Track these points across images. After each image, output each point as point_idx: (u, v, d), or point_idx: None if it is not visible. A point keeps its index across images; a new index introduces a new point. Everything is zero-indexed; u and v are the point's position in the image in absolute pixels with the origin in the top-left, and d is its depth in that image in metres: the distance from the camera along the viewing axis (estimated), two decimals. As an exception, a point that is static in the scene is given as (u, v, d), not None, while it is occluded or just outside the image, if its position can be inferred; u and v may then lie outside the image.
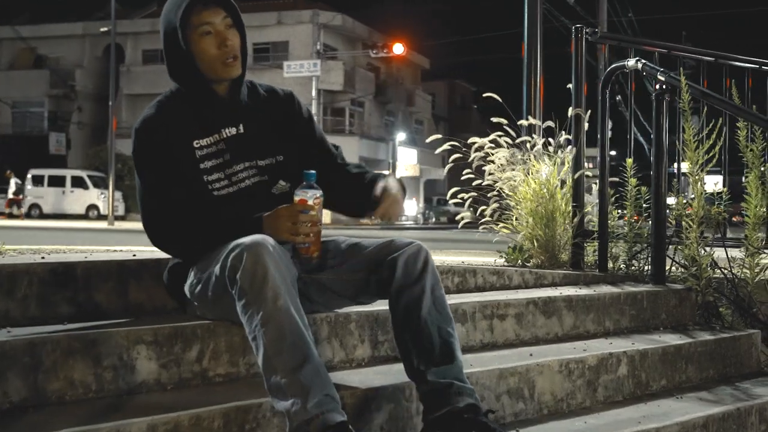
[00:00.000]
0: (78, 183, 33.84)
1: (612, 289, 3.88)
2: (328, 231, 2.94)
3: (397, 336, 2.55)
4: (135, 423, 2.08)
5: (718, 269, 4.17)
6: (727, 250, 4.20)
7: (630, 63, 4.29)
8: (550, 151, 4.63)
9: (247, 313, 2.28)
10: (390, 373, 2.73)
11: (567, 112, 4.65)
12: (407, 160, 44.16)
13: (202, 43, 2.59)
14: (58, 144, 39.47)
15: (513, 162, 4.66)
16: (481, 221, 4.67)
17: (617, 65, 4.43)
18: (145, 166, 2.59)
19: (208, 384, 2.52)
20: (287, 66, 34.57)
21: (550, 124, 4.70)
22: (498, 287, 3.86)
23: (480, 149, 4.72)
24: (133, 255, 3.13)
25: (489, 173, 4.63)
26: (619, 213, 4.71)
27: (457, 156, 4.71)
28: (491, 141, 4.71)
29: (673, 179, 4.60)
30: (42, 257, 2.99)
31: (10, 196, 32.32)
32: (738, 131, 4.36)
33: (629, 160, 4.63)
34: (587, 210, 4.67)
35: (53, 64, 42.24)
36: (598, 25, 22.70)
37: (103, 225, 25.21)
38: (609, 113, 4.52)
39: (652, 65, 4.21)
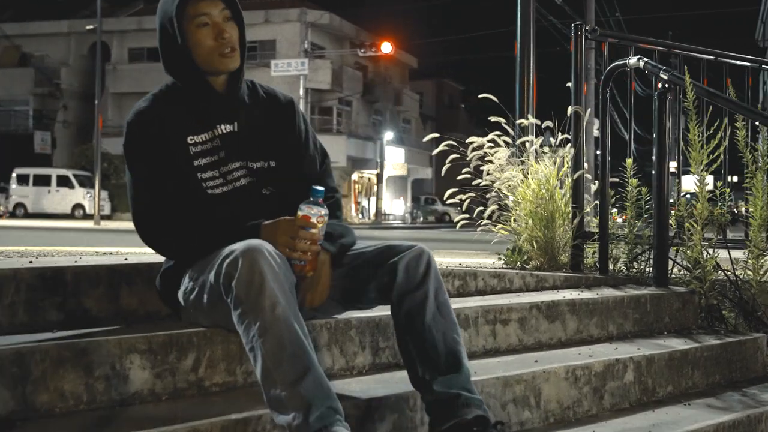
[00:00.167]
0: (63, 182, 33.56)
1: (615, 293, 3.80)
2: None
3: (400, 344, 2.45)
4: (129, 437, 1.98)
5: (720, 271, 4.10)
6: (730, 251, 4.12)
7: (632, 61, 4.21)
8: (548, 151, 4.54)
9: (244, 323, 2.17)
10: (392, 382, 2.63)
11: (556, 111, 4.57)
12: (395, 159, 44.10)
13: (198, 35, 2.50)
14: (43, 143, 39.10)
15: (511, 162, 4.57)
16: (479, 222, 4.58)
17: (618, 63, 4.35)
18: (138, 158, 2.49)
19: (204, 394, 2.42)
20: (275, 65, 34.36)
21: (549, 124, 4.62)
22: (499, 290, 3.77)
23: (478, 149, 4.62)
24: (125, 259, 3.02)
25: (487, 173, 4.54)
26: (619, 214, 4.63)
27: (455, 156, 4.61)
28: (489, 140, 4.62)
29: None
30: (30, 261, 2.88)
31: None
32: (737, 131, 4.29)
33: (629, 160, 4.55)
34: (586, 210, 4.58)
35: (38, 62, 41.87)
36: (585, 24, 22.69)
37: (89, 224, 25.00)
38: (609, 112, 4.43)
39: (654, 63, 4.13)
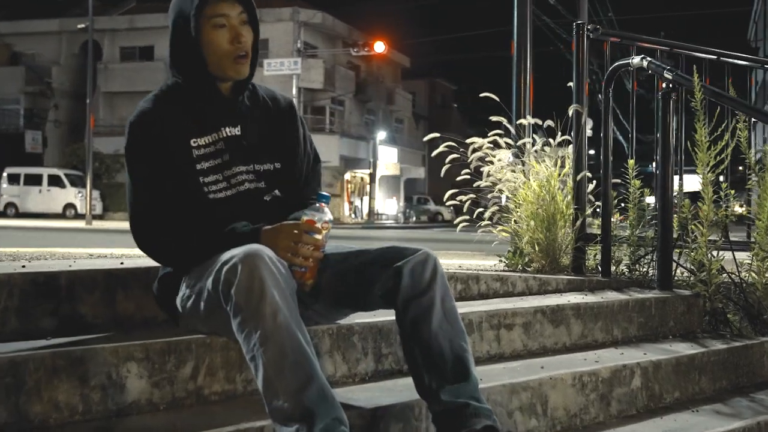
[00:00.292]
0: (55, 182, 33.39)
1: (619, 296, 3.74)
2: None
3: (406, 351, 2.38)
4: (127, 450, 1.91)
5: (725, 274, 4.03)
6: (734, 253, 4.06)
7: (635, 60, 4.14)
8: (548, 152, 4.48)
9: (244, 332, 2.10)
10: (396, 390, 2.56)
11: (549, 112, 4.51)
12: (387, 158, 44.04)
13: (213, 36, 2.45)
14: (34, 142, 38.90)
15: (512, 162, 4.50)
16: (479, 224, 4.51)
17: (621, 63, 4.28)
18: (140, 159, 2.42)
19: (203, 403, 2.35)
20: (267, 64, 34.27)
21: (550, 123, 4.55)
22: (502, 294, 3.71)
23: (477, 149, 4.56)
24: (121, 263, 2.94)
25: (488, 174, 4.47)
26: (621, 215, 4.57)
27: (455, 156, 4.54)
28: (489, 141, 4.55)
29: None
30: (23, 266, 2.80)
31: None
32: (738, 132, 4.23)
33: (631, 161, 4.49)
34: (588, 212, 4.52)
35: (29, 60, 41.65)
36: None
37: (81, 224, 24.88)
38: (612, 112, 4.37)
39: (658, 63, 4.06)
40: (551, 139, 4.50)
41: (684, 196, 4.33)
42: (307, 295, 2.43)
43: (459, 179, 4.68)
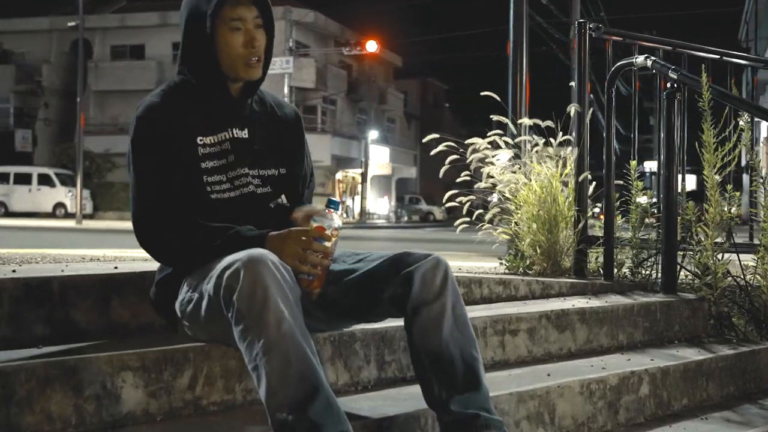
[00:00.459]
0: (45, 181, 33.20)
1: (623, 300, 3.66)
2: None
3: (414, 359, 2.30)
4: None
5: (730, 277, 3.97)
6: (740, 256, 3.99)
7: (639, 60, 4.07)
8: (549, 152, 4.41)
9: (246, 340, 2.01)
10: (400, 398, 2.48)
11: (546, 111, 4.46)
12: (379, 158, 43.99)
13: (228, 38, 2.39)
14: (24, 141, 38.69)
15: (512, 163, 4.43)
16: (480, 225, 4.43)
17: (624, 62, 4.21)
18: (146, 152, 2.34)
19: (202, 414, 2.27)
20: (259, 63, 34.11)
21: (549, 123, 4.48)
22: (504, 298, 3.63)
23: (476, 150, 4.48)
24: (115, 267, 2.85)
25: (488, 175, 4.39)
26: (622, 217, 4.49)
27: (455, 157, 4.46)
28: (489, 141, 4.48)
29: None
30: (13, 270, 2.71)
31: None
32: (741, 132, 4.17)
33: (633, 162, 4.42)
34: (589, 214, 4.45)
35: (19, 59, 41.43)
36: (570, 24, 22.70)
37: (72, 224, 24.73)
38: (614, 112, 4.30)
39: (662, 62, 4.00)
40: (552, 139, 4.42)
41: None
42: (312, 305, 2.35)
43: (459, 180, 4.60)
